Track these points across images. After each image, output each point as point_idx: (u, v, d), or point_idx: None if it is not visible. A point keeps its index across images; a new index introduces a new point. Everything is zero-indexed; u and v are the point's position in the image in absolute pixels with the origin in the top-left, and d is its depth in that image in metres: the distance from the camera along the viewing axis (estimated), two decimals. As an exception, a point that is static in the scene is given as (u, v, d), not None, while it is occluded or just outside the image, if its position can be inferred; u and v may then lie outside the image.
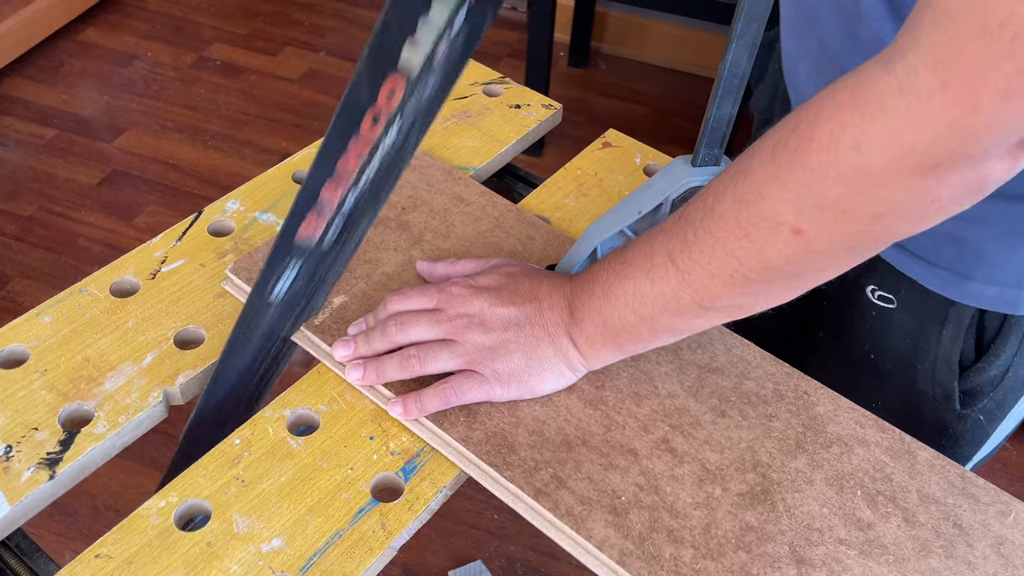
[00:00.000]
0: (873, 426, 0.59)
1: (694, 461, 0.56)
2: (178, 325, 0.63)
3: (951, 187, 0.41)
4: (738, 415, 0.59)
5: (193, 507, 0.52)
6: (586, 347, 0.57)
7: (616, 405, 0.59)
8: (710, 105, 0.54)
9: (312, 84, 2.23)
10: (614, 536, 0.52)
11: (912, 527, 0.54)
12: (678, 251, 0.50)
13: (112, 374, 0.59)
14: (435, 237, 0.69)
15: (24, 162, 1.98)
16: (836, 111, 0.42)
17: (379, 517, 0.53)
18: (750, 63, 0.52)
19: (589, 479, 0.55)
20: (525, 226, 0.71)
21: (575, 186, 0.78)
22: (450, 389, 0.57)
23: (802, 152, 0.43)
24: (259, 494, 0.53)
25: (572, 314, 0.57)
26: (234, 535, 0.51)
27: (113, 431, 0.56)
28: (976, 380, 0.67)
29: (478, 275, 0.61)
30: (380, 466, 0.55)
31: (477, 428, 0.57)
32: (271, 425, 0.57)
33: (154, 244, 0.69)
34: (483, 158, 0.80)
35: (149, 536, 0.51)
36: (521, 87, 0.88)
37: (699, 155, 0.57)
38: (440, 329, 0.58)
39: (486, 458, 0.55)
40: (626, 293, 0.53)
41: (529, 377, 0.57)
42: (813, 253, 0.46)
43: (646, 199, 0.59)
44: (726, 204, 0.48)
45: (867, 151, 0.41)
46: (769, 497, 0.55)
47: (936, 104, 0.38)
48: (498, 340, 0.57)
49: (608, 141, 0.83)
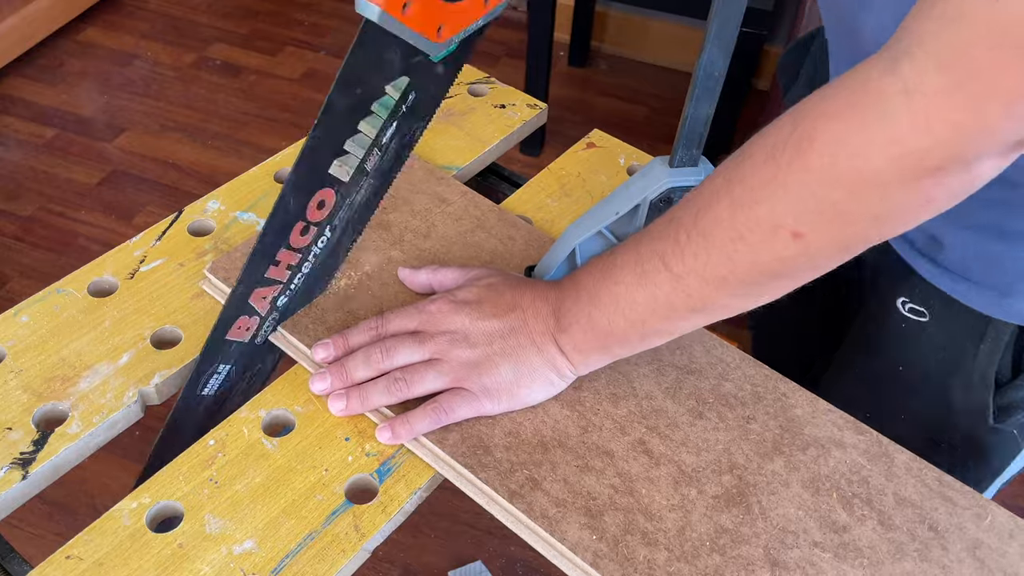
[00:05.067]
0: (851, 428, 0.59)
1: (670, 463, 0.56)
2: (155, 325, 0.62)
3: (946, 188, 0.41)
4: (716, 417, 0.59)
5: (166, 508, 0.52)
6: (574, 353, 0.56)
7: (593, 406, 0.59)
8: (687, 106, 0.54)
9: (312, 84, 2.23)
10: (588, 538, 0.52)
11: (887, 530, 0.54)
12: (670, 254, 0.50)
13: (88, 374, 0.59)
14: (415, 237, 0.69)
15: (24, 162, 1.98)
16: (837, 112, 0.42)
17: (352, 519, 0.52)
18: (726, 64, 0.52)
19: (564, 481, 0.55)
20: (506, 226, 0.71)
21: (558, 186, 0.78)
22: (440, 408, 0.56)
23: (802, 154, 0.43)
24: (232, 495, 0.53)
25: (558, 321, 0.56)
26: (206, 536, 0.51)
27: (87, 431, 0.56)
28: (1013, 396, 0.66)
29: (458, 289, 0.60)
30: (355, 468, 0.55)
31: (453, 429, 0.56)
32: (246, 426, 0.56)
33: (134, 243, 0.69)
34: (466, 158, 0.79)
35: (120, 537, 0.50)
36: (506, 87, 0.87)
37: (677, 156, 0.57)
38: (425, 350, 0.57)
39: (461, 460, 0.55)
40: (615, 297, 0.53)
41: (518, 389, 0.57)
42: (809, 255, 0.45)
43: (624, 200, 0.59)
44: (721, 207, 0.47)
45: (869, 155, 0.40)
46: (745, 499, 0.54)
47: (943, 108, 0.37)
48: (484, 354, 0.57)
49: (592, 142, 0.83)
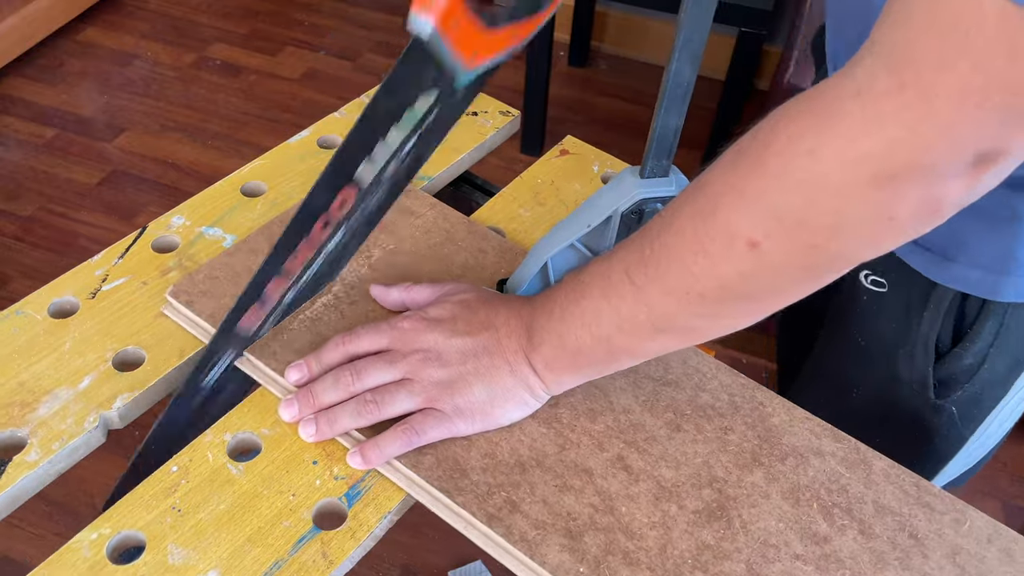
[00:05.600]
0: (828, 436, 0.58)
1: (650, 478, 0.55)
2: (117, 346, 0.60)
3: (907, 203, 0.40)
4: (694, 429, 0.58)
5: (127, 538, 0.50)
6: (545, 372, 0.55)
7: (571, 423, 0.58)
8: (655, 116, 0.53)
9: (312, 84, 2.22)
10: (569, 561, 0.51)
11: (868, 539, 0.53)
12: (635, 267, 0.49)
13: (47, 399, 0.57)
14: (384, 253, 0.67)
15: (24, 162, 1.96)
16: (794, 117, 0.41)
17: (320, 546, 0.51)
18: (694, 73, 0.51)
19: (544, 502, 0.53)
20: (477, 239, 0.70)
21: (531, 195, 0.76)
22: (411, 430, 0.54)
23: (760, 160, 0.42)
24: (196, 524, 0.51)
25: (530, 339, 0.54)
26: (168, 567, 0.49)
27: (46, 458, 0.54)
28: (952, 367, 0.66)
29: (430, 307, 0.58)
30: (323, 492, 0.53)
31: (428, 452, 0.55)
32: (211, 451, 0.55)
33: (95, 262, 0.67)
34: (438, 167, 0.78)
35: (80, 570, 0.48)
36: (479, 94, 0.86)
37: (647, 167, 0.56)
38: (396, 370, 0.56)
39: (437, 484, 0.53)
40: (583, 313, 0.52)
41: (492, 408, 0.55)
42: (767, 270, 0.44)
43: (595, 212, 0.58)
44: (684, 217, 0.46)
45: (823, 156, 0.40)
46: (726, 513, 0.53)
47: (892, 106, 0.37)
48: (456, 374, 0.55)
49: (566, 148, 0.82)
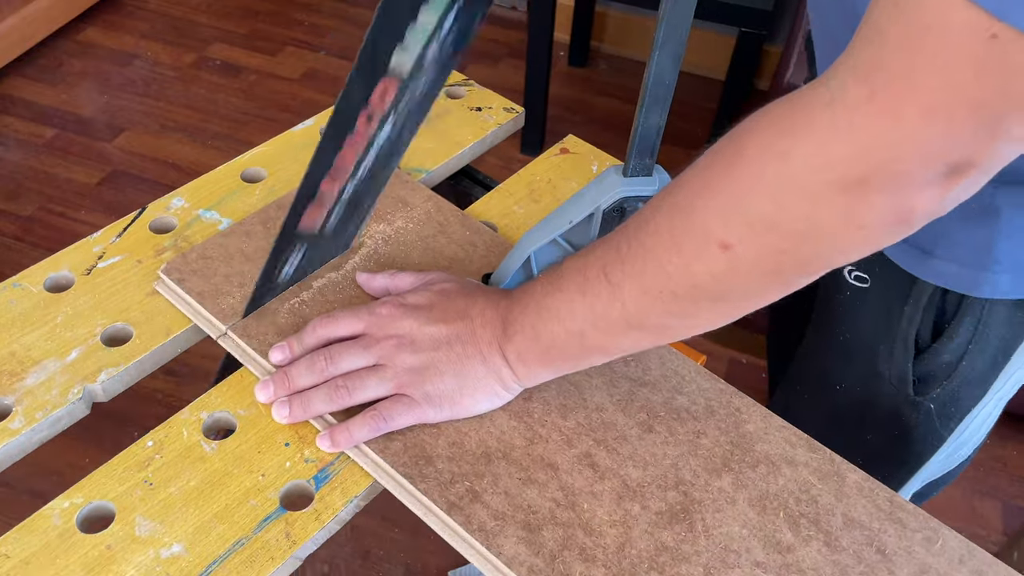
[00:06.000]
0: (804, 446, 0.58)
1: (615, 477, 0.55)
2: (107, 322, 0.62)
3: (877, 212, 0.40)
4: (666, 431, 0.58)
5: (98, 508, 0.52)
6: (518, 363, 0.55)
7: (541, 418, 0.58)
8: (637, 115, 0.53)
9: (312, 84, 2.23)
10: (524, 553, 0.51)
11: (833, 551, 0.53)
12: (611, 264, 0.49)
13: (35, 369, 0.59)
14: (375, 242, 0.68)
15: (24, 162, 1.98)
16: (770, 123, 0.42)
17: (284, 526, 0.52)
18: (675, 71, 0.51)
19: (506, 493, 0.54)
20: (469, 232, 0.70)
21: (527, 192, 0.77)
22: (379, 416, 0.55)
23: (734, 163, 0.43)
24: (165, 498, 0.52)
25: (505, 330, 0.55)
26: (135, 539, 0.50)
27: (29, 426, 0.55)
28: (930, 364, 0.66)
29: (409, 293, 0.59)
30: (292, 473, 0.54)
31: (396, 438, 0.56)
32: (186, 428, 0.56)
33: (94, 239, 0.68)
34: (437, 160, 0.79)
35: (49, 537, 0.50)
36: (485, 90, 0.87)
37: (630, 165, 0.56)
38: (369, 355, 0.56)
39: (402, 469, 0.54)
40: (558, 306, 0.52)
41: (461, 398, 0.56)
42: (739, 273, 0.45)
43: (577, 209, 0.58)
44: (660, 216, 0.47)
45: (794, 162, 0.40)
46: (688, 516, 0.53)
47: (862, 115, 0.37)
48: (428, 360, 0.56)
49: (566, 147, 0.82)
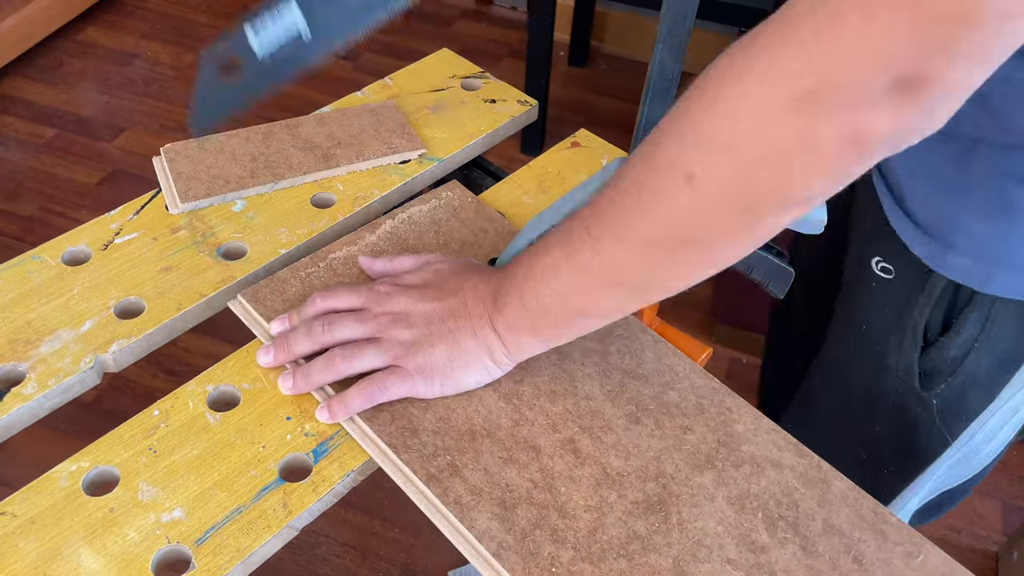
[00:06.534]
0: (791, 450, 0.59)
1: (596, 464, 0.57)
2: (121, 296, 0.65)
3: (829, 130, 0.39)
4: (652, 424, 0.60)
5: (103, 473, 0.54)
6: (507, 334, 0.57)
7: (530, 401, 0.60)
8: (641, 108, 0.54)
9: (312, 84, 2.21)
10: (496, 528, 0.53)
11: (808, 556, 0.54)
12: (592, 218, 0.51)
13: (50, 338, 0.61)
14: (393, 223, 0.70)
15: (24, 162, 2.00)
16: (727, 54, 0.42)
17: (282, 496, 0.54)
18: (678, 65, 0.52)
19: (485, 470, 0.56)
20: (481, 218, 0.72)
21: (536, 184, 0.78)
22: (373, 386, 0.57)
23: (701, 91, 0.43)
24: (168, 465, 0.55)
25: (495, 302, 0.57)
26: (137, 503, 0.53)
27: (41, 392, 0.58)
28: (936, 358, 0.66)
29: (407, 274, 0.62)
30: (292, 446, 0.57)
31: (385, 409, 0.58)
32: (192, 399, 0.58)
33: (112, 216, 0.71)
34: (450, 149, 0.81)
35: (56, 498, 0.53)
36: (501, 83, 0.88)
37: (629, 162, 0.57)
38: (366, 328, 0.59)
39: (387, 439, 0.56)
40: (544, 269, 0.53)
41: (452, 371, 0.58)
42: (705, 205, 0.45)
43: (582, 196, 0.60)
44: (633, 162, 0.48)
45: (747, 81, 0.41)
46: (664, 508, 0.55)
47: (807, 25, 0.38)
48: (420, 335, 0.58)
49: (577, 141, 0.83)
